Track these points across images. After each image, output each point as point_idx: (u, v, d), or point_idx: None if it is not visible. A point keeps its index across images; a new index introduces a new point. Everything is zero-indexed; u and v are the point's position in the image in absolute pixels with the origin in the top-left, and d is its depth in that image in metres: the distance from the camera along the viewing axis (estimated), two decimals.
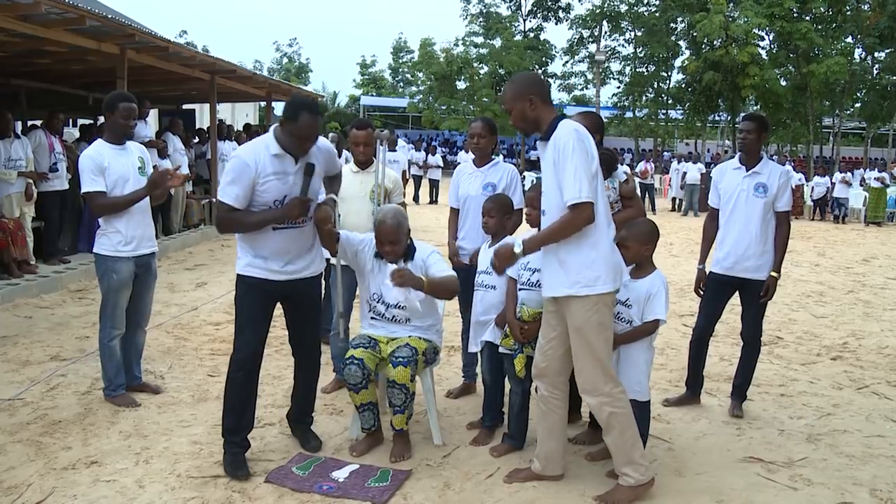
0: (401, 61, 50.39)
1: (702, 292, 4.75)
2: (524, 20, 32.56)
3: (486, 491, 3.52)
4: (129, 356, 4.68)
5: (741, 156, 4.60)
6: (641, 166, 20.01)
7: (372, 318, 4.03)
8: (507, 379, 4.08)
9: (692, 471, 3.82)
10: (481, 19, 31.66)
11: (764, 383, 5.21)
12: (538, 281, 3.70)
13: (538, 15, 32.40)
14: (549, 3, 32.15)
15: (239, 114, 27.84)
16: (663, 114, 31.35)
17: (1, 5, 6.79)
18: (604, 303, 3.31)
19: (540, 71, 32.17)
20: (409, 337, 3.94)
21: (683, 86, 29.51)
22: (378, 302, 3.98)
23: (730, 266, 4.53)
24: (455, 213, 4.70)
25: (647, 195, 19.38)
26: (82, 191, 4.35)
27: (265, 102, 16.68)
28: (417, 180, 19.64)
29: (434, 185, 20.02)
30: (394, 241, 3.85)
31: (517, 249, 3.32)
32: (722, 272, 4.58)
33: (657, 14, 29.52)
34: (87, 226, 9.00)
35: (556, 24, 32.60)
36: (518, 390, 3.92)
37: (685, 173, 18.90)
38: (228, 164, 3.56)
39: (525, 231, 3.91)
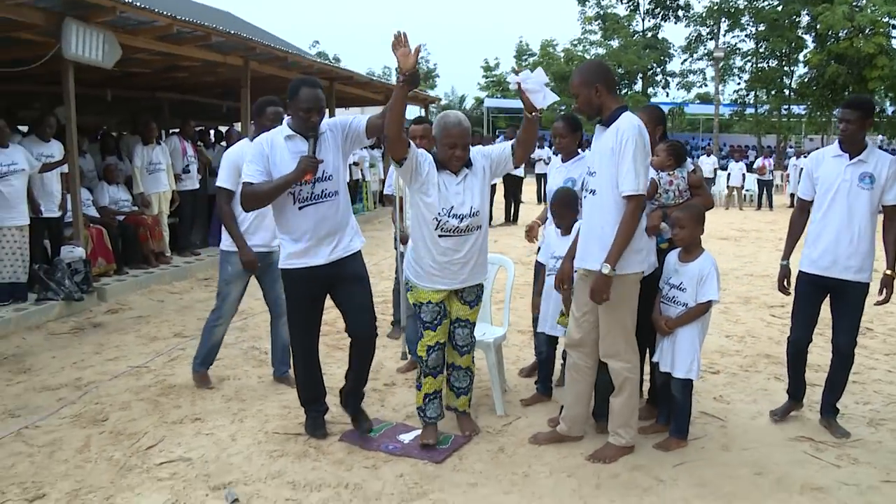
0: (524, 64, 50.56)
1: (789, 290, 4.32)
2: (642, 19, 32.02)
3: (537, 456, 3.83)
4: (275, 348, 4.97)
5: (842, 145, 4.08)
6: (759, 162, 19.39)
7: (440, 234, 3.75)
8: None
9: (739, 446, 3.97)
10: (598, 21, 31.41)
11: (820, 365, 5.19)
12: None
13: (657, 14, 31.76)
14: (668, 2, 31.42)
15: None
16: (786, 109, 29.92)
17: (141, 29, 7.71)
18: (633, 281, 3.60)
19: (659, 70, 31.53)
20: (472, 309, 3.97)
21: (807, 80, 28.11)
22: (449, 216, 3.73)
23: (827, 266, 4.04)
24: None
25: (764, 191, 18.78)
26: (216, 184, 4.62)
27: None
28: (541, 179, 19.42)
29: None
30: (465, 145, 3.74)
31: (606, 271, 3.46)
32: (817, 272, 4.09)
33: (779, 8, 28.24)
34: (216, 222, 9.92)
35: (676, 22, 31.81)
36: None
37: (802, 169, 18.07)
38: None
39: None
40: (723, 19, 29.95)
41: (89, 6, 6.58)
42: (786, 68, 29.43)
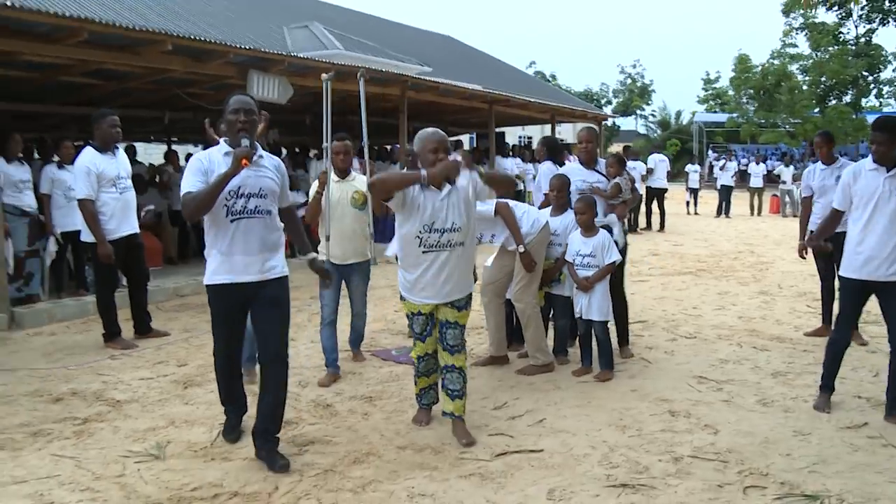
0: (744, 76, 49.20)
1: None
2: (855, 26, 30.42)
3: (489, 370, 5.50)
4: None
5: (876, 160, 4.52)
6: None
7: (424, 251, 4.02)
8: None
9: (643, 377, 5.37)
10: (805, 31, 30.39)
11: (792, 339, 6.27)
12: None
13: (873, 18, 29.96)
14: (887, 6, 29.50)
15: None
16: None
17: (308, 72, 10.26)
18: (541, 242, 5.30)
19: (871, 78, 29.84)
20: (460, 312, 4.21)
21: None
22: (430, 231, 3.99)
23: (872, 271, 4.45)
24: None
25: None
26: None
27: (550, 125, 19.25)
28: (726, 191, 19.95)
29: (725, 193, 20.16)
30: (446, 150, 4.04)
31: (521, 250, 5.20)
32: (863, 277, 4.49)
33: None
34: (384, 224, 12.24)
35: None
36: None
37: None
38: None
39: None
40: None
41: (266, 60, 9.19)
42: None
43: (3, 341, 6.50)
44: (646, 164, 16.82)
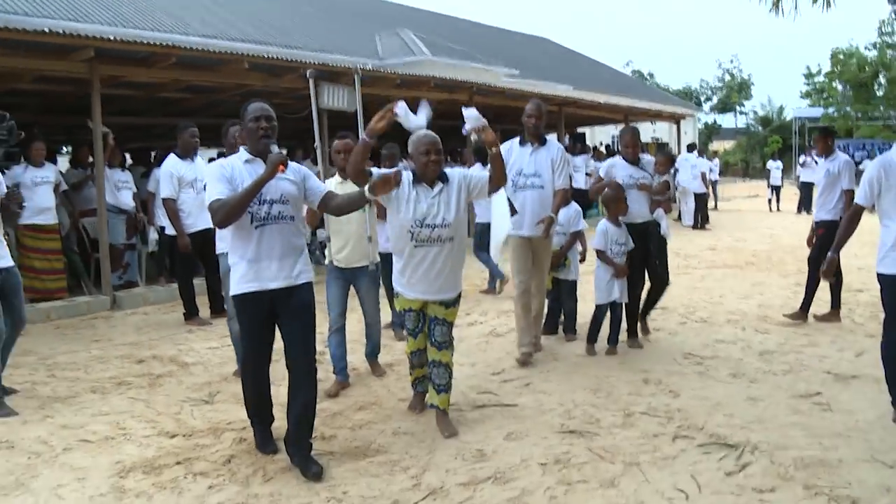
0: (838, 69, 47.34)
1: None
2: None
3: (501, 344, 6.30)
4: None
5: None
6: None
7: (416, 245, 4.18)
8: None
9: (635, 353, 6.00)
10: None
11: (799, 324, 6.73)
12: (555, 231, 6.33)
13: None
14: None
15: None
16: None
17: (376, 82, 11.28)
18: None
19: None
20: (448, 310, 4.36)
21: None
22: (421, 227, 4.15)
23: None
24: None
25: None
26: None
27: (623, 123, 19.64)
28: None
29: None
30: (438, 151, 4.17)
31: (554, 214, 5.78)
32: None
33: None
34: None
35: None
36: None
37: None
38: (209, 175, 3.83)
39: None
40: None
41: (335, 73, 10.25)
42: None
43: (107, 319, 7.81)
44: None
